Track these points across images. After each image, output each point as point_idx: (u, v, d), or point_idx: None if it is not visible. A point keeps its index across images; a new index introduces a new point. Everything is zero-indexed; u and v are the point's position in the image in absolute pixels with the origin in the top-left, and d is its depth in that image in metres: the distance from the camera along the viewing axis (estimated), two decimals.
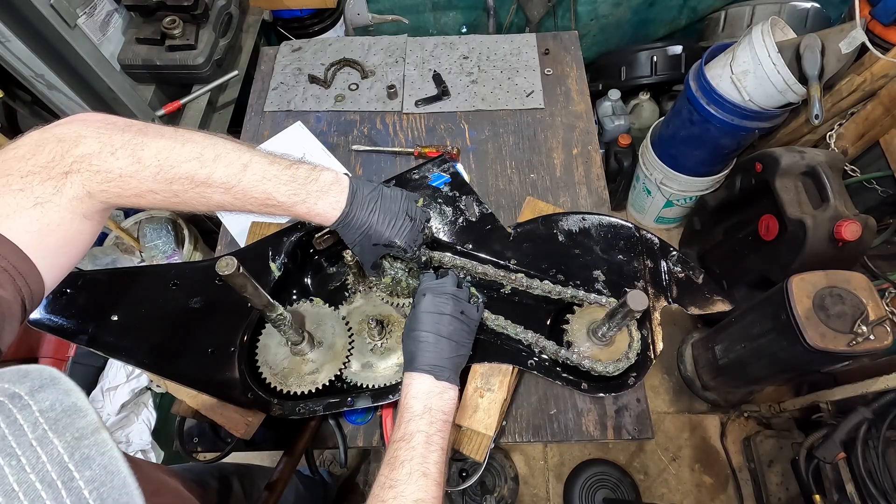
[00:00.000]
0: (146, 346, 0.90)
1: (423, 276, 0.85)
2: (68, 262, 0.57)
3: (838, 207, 1.50)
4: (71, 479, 0.29)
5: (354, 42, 1.55)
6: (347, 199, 0.73)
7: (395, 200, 0.79)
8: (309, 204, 0.70)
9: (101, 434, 0.32)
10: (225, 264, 0.64)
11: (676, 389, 2.14)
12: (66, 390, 0.32)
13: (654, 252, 1.01)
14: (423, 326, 0.77)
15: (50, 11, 1.14)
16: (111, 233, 1.88)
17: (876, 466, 1.48)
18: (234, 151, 0.66)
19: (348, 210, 0.74)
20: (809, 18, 2.01)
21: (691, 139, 1.86)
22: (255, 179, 0.66)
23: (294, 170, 0.70)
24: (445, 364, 0.76)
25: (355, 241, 0.78)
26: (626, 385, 0.90)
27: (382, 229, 0.77)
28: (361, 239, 0.78)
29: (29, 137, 0.56)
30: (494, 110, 1.38)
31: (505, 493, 1.92)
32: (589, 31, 2.33)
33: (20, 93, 1.76)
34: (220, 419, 0.90)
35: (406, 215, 0.80)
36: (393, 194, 0.80)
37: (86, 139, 0.56)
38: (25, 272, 0.50)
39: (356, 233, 0.77)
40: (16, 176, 0.52)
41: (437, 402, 0.74)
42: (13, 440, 0.29)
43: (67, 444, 0.30)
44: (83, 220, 0.57)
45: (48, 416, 0.30)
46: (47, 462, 0.29)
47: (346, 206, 0.73)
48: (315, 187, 0.71)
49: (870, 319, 1.38)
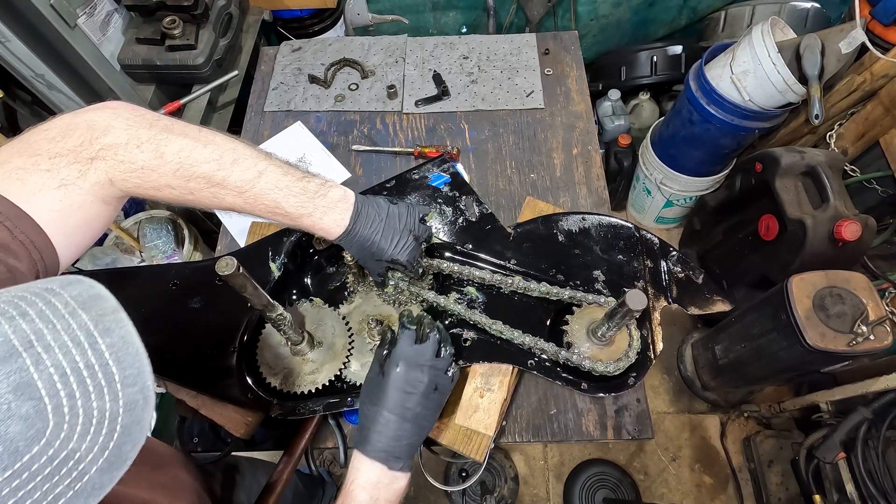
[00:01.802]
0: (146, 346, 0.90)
1: (402, 335, 0.76)
2: (84, 242, 0.60)
3: (838, 207, 1.50)
4: (94, 342, 0.35)
5: (354, 42, 1.55)
6: (352, 217, 0.75)
7: (399, 219, 0.80)
8: (315, 218, 0.73)
9: (120, 314, 0.39)
10: (225, 264, 0.64)
11: (676, 389, 2.14)
12: (91, 285, 0.39)
13: (654, 252, 1.01)
14: (387, 404, 0.71)
15: (50, 11, 1.14)
16: (111, 233, 1.88)
17: (876, 466, 1.48)
18: (252, 158, 0.68)
19: (351, 228, 0.75)
20: (809, 18, 2.01)
21: (691, 139, 1.86)
22: (267, 187, 0.68)
23: (305, 183, 0.72)
24: (402, 452, 0.71)
25: (359, 255, 0.80)
26: (626, 385, 0.90)
27: (385, 247, 0.78)
28: (364, 254, 0.79)
29: (61, 120, 0.58)
30: (494, 110, 1.38)
31: (505, 493, 1.92)
32: (589, 31, 2.33)
33: (20, 93, 1.76)
34: (220, 419, 0.90)
35: (410, 233, 0.81)
36: (399, 212, 0.81)
37: (115, 129, 0.59)
38: (42, 248, 0.52)
39: (359, 249, 0.79)
40: (44, 156, 0.54)
41: (384, 493, 0.70)
42: (50, 313, 0.35)
43: (92, 317, 0.36)
44: (102, 204, 0.60)
45: (77, 299, 0.37)
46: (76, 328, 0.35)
47: (350, 223, 0.75)
48: (323, 202, 0.73)
49: (870, 319, 1.38)
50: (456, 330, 0.93)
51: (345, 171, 1.29)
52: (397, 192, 1.06)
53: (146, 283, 0.94)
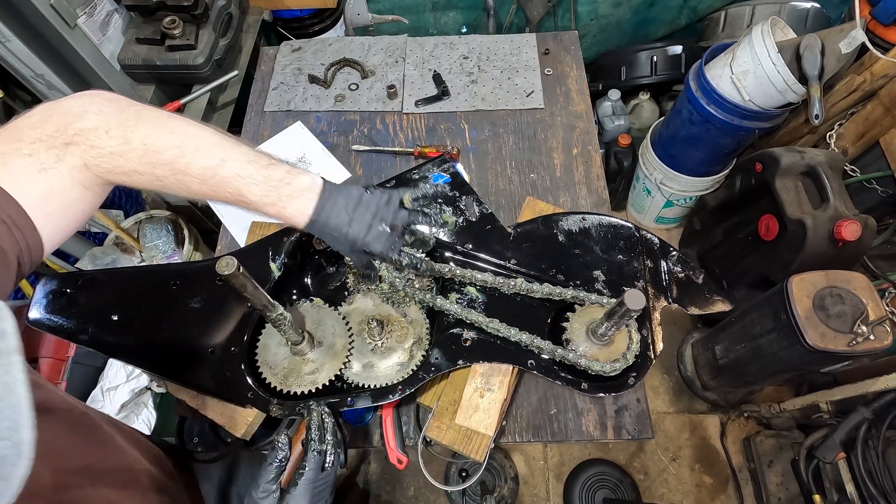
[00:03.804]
0: (146, 346, 0.90)
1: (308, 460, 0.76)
2: (67, 226, 0.61)
3: (838, 207, 1.50)
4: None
5: (354, 42, 1.55)
6: (317, 207, 0.73)
7: (369, 207, 0.77)
8: (279, 206, 0.71)
9: (14, 357, 0.35)
10: (225, 264, 0.64)
11: (676, 389, 2.14)
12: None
13: (654, 252, 1.01)
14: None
15: (50, 11, 1.14)
16: (111, 233, 1.88)
17: (876, 466, 1.48)
18: (216, 146, 0.68)
19: (316, 217, 0.73)
20: (809, 18, 2.01)
21: (691, 139, 1.86)
22: (229, 175, 0.68)
23: (270, 170, 0.70)
24: None
25: (334, 246, 0.78)
26: (626, 385, 0.90)
27: (358, 235, 0.76)
28: (339, 245, 0.77)
29: (42, 107, 0.60)
30: (494, 110, 1.38)
31: (505, 493, 1.92)
32: (589, 31, 2.33)
33: (20, 93, 1.76)
34: (220, 419, 0.90)
35: (381, 223, 0.77)
36: (370, 200, 0.77)
37: (87, 115, 0.60)
38: (24, 229, 0.54)
39: (331, 239, 0.77)
40: (26, 142, 0.57)
41: None
42: None
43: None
44: (83, 189, 0.61)
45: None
46: None
47: (315, 213, 0.73)
48: (287, 191, 0.71)
49: (870, 319, 1.38)
50: (456, 330, 0.93)
51: (345, 171, 1.29)
52: None
53: (146, 283, 0.94)
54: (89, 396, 1.63)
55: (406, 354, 0.94)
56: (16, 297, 1.85)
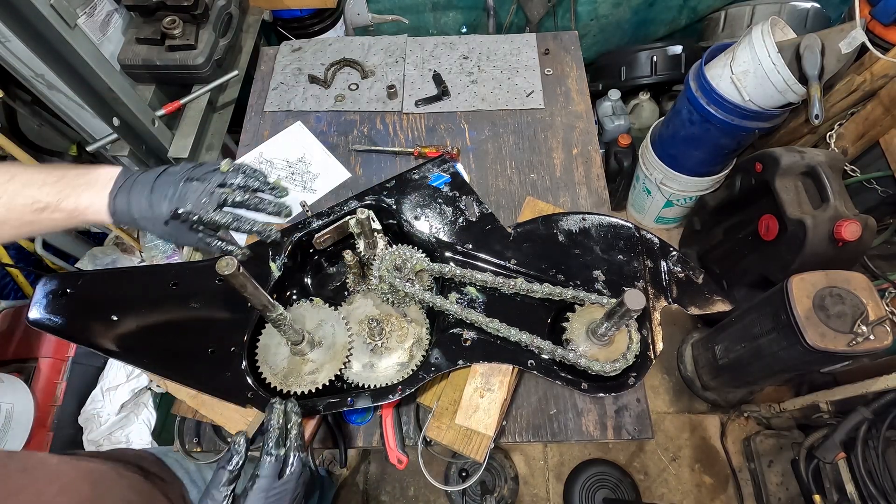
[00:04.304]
0: (146, 346, 0.90)
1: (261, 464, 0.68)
2: None
3: (838, 207, 1.50)
4: None
5: (354, 42, 1.55)
6: (115, 184, 0.71)
7: (173, 174, 0.73)
8: (73, 198, 0.69)
9: None
10: (225, 264, 0.64)
11: (676, 389, 2.14)
12: None
13: (654, 252, 1.01)
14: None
15: (50, 11, 1.13)
16: (111, 233, 1.88)
17: (876, 466, 1.48)
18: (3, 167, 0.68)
19: (116, 194, 0.70)
20: (809, 18, 2.01)
21: (691, 139, 1.86)
22: (18, 187, 0.67)
23: (65, 170, 0.70)
24: None
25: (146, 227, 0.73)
26: (626, 385, 0.90)
27: (162, 203, 0.71)
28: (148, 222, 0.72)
29: None
30: (494, 110, 1.38)
31: (505, 493, 1.92)
32: (589, 31, 2.33)
33: (20, 93, 1.76)
34: (220, 419, 0.90)
35: (187, 180, 0.73)
36: (175, 169, 0.74)
37: None
38: None
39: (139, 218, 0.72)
40: None
41: None
42: None
43: None
44: None
45: None
46: None
47: (115, 190, 0.70)
48: (82, 181, 0.70)
49: (870, 319, 1.38)
50: (456, 330, 0.93)
51: (345, 172, 1.29)
52: (397, 192, 1.06)
53: (146, 283, 0.94)
54: (89, 396, 1.63)
55: (406, 354, 0.94)
56: (16, 297, 1.85)
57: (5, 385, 1.47)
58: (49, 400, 1.55)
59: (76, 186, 0.70)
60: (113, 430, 1.62)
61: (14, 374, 1.53)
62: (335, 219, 1.03)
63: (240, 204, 0.75)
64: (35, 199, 0.68)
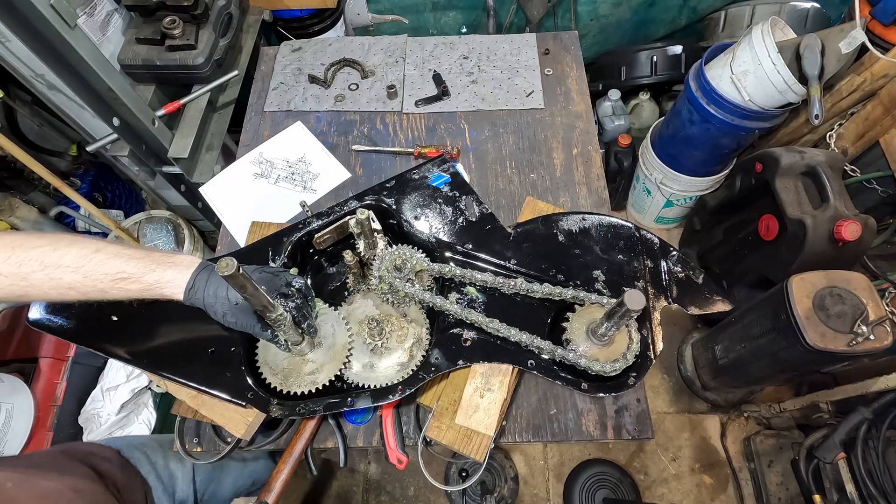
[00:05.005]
0: (146, 346, 0.90)
1: None
2: None
3: (838, 207, 1.50)
4: None
5: (354, 42, 1.55)
6: (199, 266, 0.78)
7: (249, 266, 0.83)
8: (158, 272, 0.77)
9: None
10: (225, 264, 0.64)
11: (676, 389, 2.14)
12: None
13: (654, 252, 1.01)
14: None
15: (50, 11, 1.13)
16: (111, 233, 1.88)
17: (876, 466, 1.48)
18: (90, 240, 0.76)
19: (199, 273, 0.78)
20: (809, 18, 2.01)
21: (691, 139, 1.86)
22: (105, 258, 0.74)
23: (150, 251, 0.78)
24: None
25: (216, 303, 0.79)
26: (626, 385, 0.90)
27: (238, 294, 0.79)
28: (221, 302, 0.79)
29: None
30: (494, 110, 1.38)
31: (505, 493, 1.92)
32: (589, 31, 2.33)
33: (20, 93, 1.76)
34: (220, 419, 0.90)
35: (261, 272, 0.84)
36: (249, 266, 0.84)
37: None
38: None
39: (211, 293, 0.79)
40: None
41: None
42: None
43: None
44: None
45: None
46: None
47: (197, 270, 0.78)
48: (169, 260, 0.78)
49: (870, 319, 1.37)
50: (456, 330, 0.93)
51: (345, 172, 1.29)
52: (397, 192, 1.06)
53: None
54: (89, 396, 1.63)
55: (406, 354, 0.94)
56: None
57: (5, 385, 1.47)
58: (49, 400, 1.55)
59: (162, 263, 0.77)
60: (113, 429, 1.62)
61: (14, 374, 1.53)
62: (335, 219, 1.03)
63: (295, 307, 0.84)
64: (120, 269, 0.75)
